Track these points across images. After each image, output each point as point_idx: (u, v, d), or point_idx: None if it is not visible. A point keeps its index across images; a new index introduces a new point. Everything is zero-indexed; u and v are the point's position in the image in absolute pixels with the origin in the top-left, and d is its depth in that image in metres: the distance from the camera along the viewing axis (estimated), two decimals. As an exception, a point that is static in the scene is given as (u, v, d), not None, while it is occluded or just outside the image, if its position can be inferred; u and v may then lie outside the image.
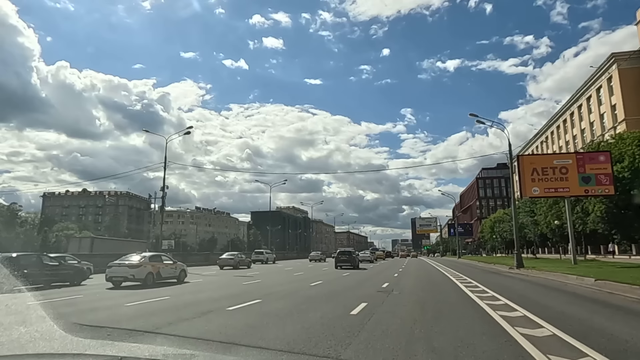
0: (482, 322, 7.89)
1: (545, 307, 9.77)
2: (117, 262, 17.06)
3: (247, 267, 35.56)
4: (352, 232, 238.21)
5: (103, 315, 9.32)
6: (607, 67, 49.76)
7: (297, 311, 9.42)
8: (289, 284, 17.89)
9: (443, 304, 10.63)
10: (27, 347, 5.69)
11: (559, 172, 27.05)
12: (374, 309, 9.42)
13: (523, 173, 27.98)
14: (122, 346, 5.67)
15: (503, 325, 7.35)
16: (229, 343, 6.03)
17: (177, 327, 7.38)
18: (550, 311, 9.12)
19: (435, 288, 15.68)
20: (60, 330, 6.42)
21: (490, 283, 17.00)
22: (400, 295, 12.53)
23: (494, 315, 8.53)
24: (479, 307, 9.87)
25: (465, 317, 8.57)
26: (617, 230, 36.22)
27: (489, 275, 23.81)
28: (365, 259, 46.84)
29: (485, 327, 7.34)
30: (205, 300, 11.95)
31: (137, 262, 16.88)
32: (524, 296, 12.31)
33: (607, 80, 50.17)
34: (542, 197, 35.14)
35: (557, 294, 13.37)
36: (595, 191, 26.80)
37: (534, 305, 9.95)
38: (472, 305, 10.36)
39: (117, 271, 16.58)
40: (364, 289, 15.05)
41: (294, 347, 5.77)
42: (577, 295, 12.78)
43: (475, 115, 29.53)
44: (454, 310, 9.64)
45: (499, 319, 8.03)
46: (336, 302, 11.13)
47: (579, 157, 27.54)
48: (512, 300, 10.65)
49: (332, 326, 7.28)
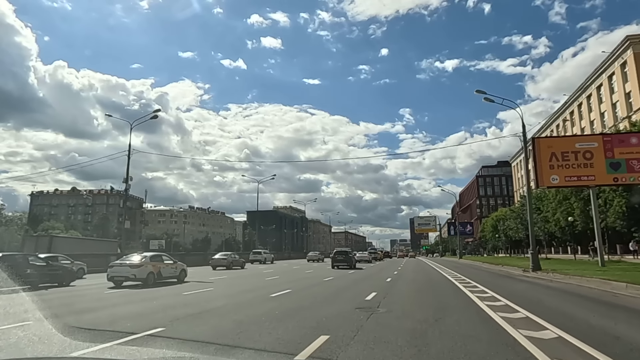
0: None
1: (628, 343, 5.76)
2: (118, 262, 17.60)
3: (241, 268, 34.13)
4: (350, 232, 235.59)
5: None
6: (621, 51, 45.78)
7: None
8: (239, 295, 13.70)
9: (456, 338, 6.38)
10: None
11: (582, 157, 22.88)
12: (333, 354, 5.32)
13: (540, 159, 23.83)
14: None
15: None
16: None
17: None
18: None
19: (440, 300, 11.69)
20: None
21: (510, 293, 12.93)
22: (386, 318, 8.38)
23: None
24: (516, 341, 5.81)
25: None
26: (637, 227, 32.32)
27: (502, 280, 19.76)
28: (363, 259, 46.78)
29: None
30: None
31: (138, 262, 17.19)
32: (574, 318, 8.23)
33: (621, 66, 46.22)
34: (563, 187, 30.98)
35: (618, 311, 9.27)
36: (626, 179, 22.64)
37: (601, 336, 6.10)
38: (502, 337, 6.30)
39: (118, 271, 16.88)
40: (340, 302, 11.02)
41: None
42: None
43: (483, 92, 25.34)
44: (481, 352, 5.53)
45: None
46: (284, 329, 7.03)
47: (607, 140, 23.27)
48: (561, 327, 6.72)
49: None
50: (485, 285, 15.50)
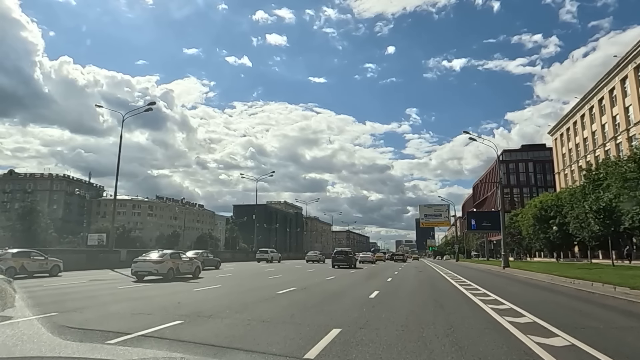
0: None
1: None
2: (141, 258, 19.00)
3: (215, 268, 30.81)
4: (353, 232, 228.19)
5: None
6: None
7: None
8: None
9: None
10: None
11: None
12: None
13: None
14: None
15: None
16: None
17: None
18: None
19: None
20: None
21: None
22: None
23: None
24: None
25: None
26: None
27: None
28: (366, 259, 48.18)
29: None
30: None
31: (160, 259, 18.66)
32: None
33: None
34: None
35: None
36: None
37: None
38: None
39: (142, 266, 18.18)
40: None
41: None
42: None
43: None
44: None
45: None
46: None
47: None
48: None
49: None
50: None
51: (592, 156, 50.49)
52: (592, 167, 36.26)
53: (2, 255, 19.13)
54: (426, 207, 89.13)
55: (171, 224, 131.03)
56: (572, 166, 59.64)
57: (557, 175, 67.09)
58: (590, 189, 33.48)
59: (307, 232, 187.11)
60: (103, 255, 28.66)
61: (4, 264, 18.07)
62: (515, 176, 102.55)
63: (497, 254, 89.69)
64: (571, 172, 59.80)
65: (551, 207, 45.21)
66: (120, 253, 29.48)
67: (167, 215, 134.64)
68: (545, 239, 46.65)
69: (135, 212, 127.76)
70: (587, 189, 34.34)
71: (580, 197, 35.49)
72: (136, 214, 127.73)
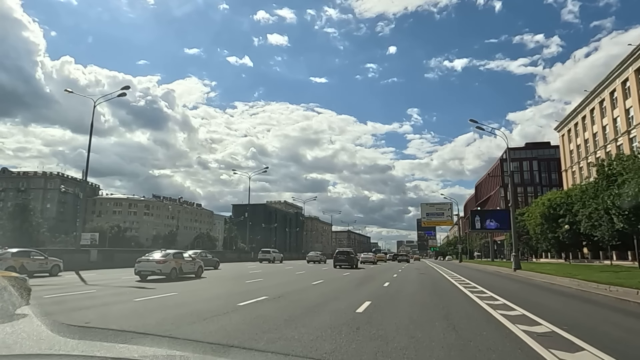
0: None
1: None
2: (144, 258, 18.87)
3: (214, 268, 30.40)
4: (354, 232, 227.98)
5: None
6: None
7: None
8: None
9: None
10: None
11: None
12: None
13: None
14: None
15: None
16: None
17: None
18: None
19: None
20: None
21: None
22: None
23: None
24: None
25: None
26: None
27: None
28: (367, 260, 47.60)
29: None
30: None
31: (163, 259, 18.69)
32: None
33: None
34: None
35: None
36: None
37: None
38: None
39: (145, 266, 18.28)
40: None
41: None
42: None
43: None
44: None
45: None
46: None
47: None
48: None
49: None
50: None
51: (603, 151, 47.85)
52: (604, 162, 33.74)
53: (2, 254, 18.91)
54: (428, 205, 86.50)
55: (168, 224, 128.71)
56: (580, 163, 57.00)
57: (564, 172, 64.41)
58: (604, 185, 30.87)
59: (307, 232, 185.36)
60: (67, 256, 24.17)
61: (4, 264, 17.83)
62: (520, 175, 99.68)
63: (501, 255, 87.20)
64: (579, 169, 57.14)
65: (560, 205, 42.56)
66: (90, 253, 26.83)
67: (164, 214, 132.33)
68: (554, 239, 43.95)
69: (131, 212, 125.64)
70: (601, 185, 31.72)
71: (592, 194, 32.89)
72: (132, 213, 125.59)
